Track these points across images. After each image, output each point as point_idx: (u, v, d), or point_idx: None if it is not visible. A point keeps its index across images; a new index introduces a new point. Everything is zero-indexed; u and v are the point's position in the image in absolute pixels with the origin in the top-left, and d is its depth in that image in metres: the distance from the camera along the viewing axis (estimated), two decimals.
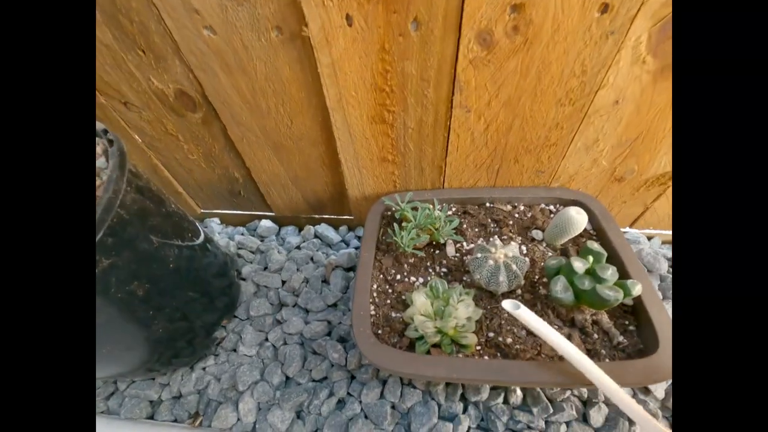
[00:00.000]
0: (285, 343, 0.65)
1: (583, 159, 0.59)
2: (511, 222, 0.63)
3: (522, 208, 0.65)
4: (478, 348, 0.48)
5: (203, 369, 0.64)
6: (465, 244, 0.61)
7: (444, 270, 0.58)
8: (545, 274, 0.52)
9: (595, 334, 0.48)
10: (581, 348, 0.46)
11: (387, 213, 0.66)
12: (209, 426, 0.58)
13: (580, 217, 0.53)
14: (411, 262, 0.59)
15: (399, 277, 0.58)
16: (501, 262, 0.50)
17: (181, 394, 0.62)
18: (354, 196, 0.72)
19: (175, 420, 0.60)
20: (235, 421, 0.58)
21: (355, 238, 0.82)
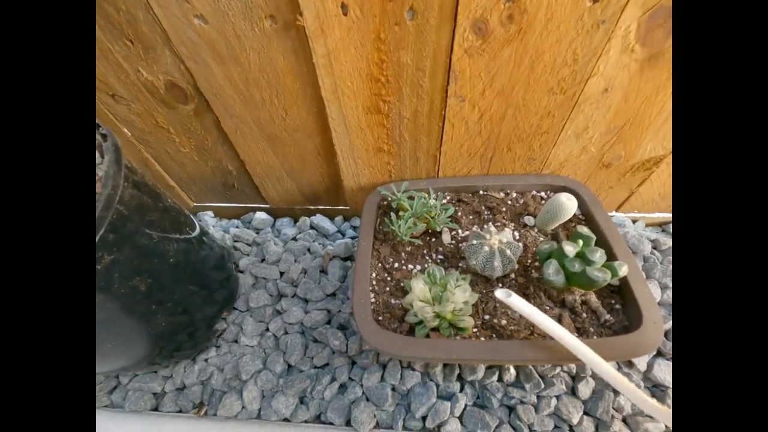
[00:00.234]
0: (286, 332, 0.66)
1: (573, 146, 0.61)
2: (504, 209, 0.64)
3: (514, 195, 0.67)
4: (475, 330, 0.50)
5: (206, 360, 0.65)
6: (460, 231, 0.62)
7: (440, 257, 0.60)
8: (537, 258, 0.54)
9: (584, 314, 0.51)
10: (571, 327, 0.49)
11: (383, 203, 0.67)
12: (215, 415, 0.59)
13: (570, 203, 0.55)
14: (408, 250, 0.61)
15: (397, 265, 0.59)
16: (496, 248, 0.52)
17: (184, 385, 0.62)
18: (350, 186, 0.72)
19: (179, 411, 0.61)
20: (240, 408, 0.59)
21: (351, 228, 0.83)
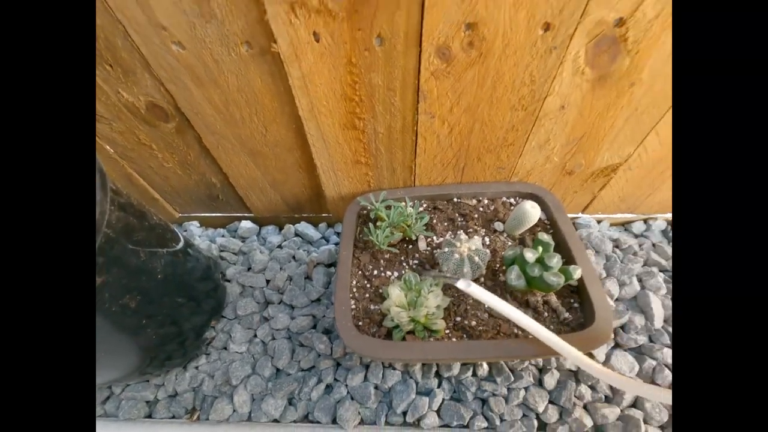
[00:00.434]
0: (273, 338, 0.69)
1: (538, 156, 0.66)
2: (476, 215, 0.69)
3: (486, 202, 0.71)
4: (447, 332, 0.54)
5: (196, 368, 0.67)
6: (435, 238, 0.66)
7: (416, 263, 0.64)
8: (504, 263, 0.59)
9: (546, 313, 0.56)
10: None
11: (363, 212, 0.71)
12: (207, 419, 0.62)
13: (533, 211, 0.59)
14: (386, 257, 0.65)
15: (376, 272, 0.63)
16: (465, 255, 0.56)
17: (176, 392, 0.65)
18: (331, 196, 0.75)
19: (172, 417, 0.64)
20: (231, 412, 0.62)
21: (335, 234, 0.86)
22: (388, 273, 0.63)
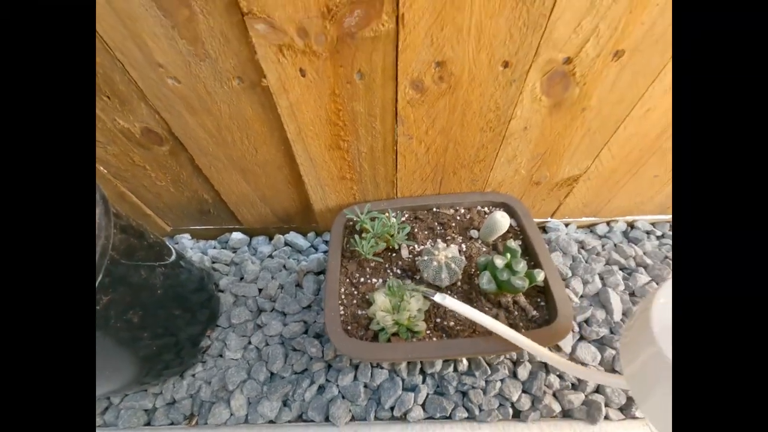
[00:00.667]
0: (267, 344, 0.74)
1: (507, 170, 0.73)
2: (453, 224, 0.75)
3: (462, 211, 0.78)
4: (428, 332, 0.60)
5: (193, 376, 0.71)
6: (417, 246, 0.72)
7: (399, 271, 0.69)
8: (477, 268, 0.65)
9: (516, 312, 0.62)
10: (504, 323, 0.60)
11: (349, 223, 0.76)
12: (205, 423, 0.66)
13: (503, 220, 0.66)
14: (372, 266, 0.70)
15: (362, 279, 0.68)
16: (443, 263, 0.62)
17: (174, 400, 0.68)
18: (319, 209, 0.80)
19: (171, 423, 0.67)
20: (229, 416, 0.66)
21: (323, 242, 0.91)
22: (374, 280, 0.68)
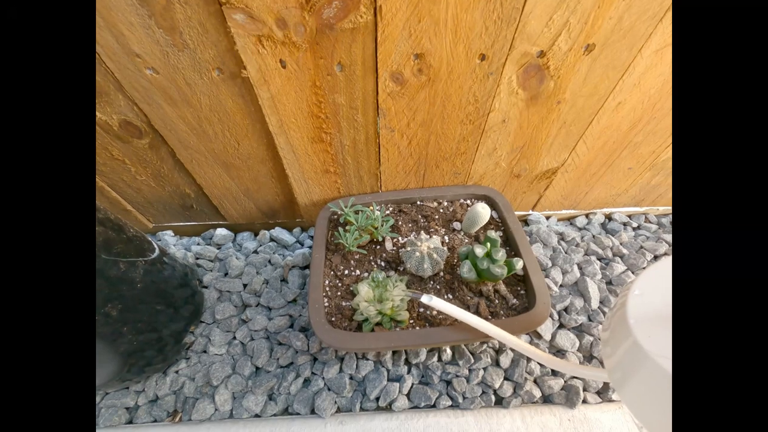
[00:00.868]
0: (252, 338, 0.73)
1: (488, 162, 0.74)
2: (437, 216, 0.76)
3: (445, 204, 0.79)
4: (411, 322, 0.61)
5: (176, 372, 0.70)
6: (400, 238, 0.73)
7: (383, 263, 0.70)
8: (459, 258, 0.67)
9: (496, 300, 0.64)
10: (486, 311, 0.62)
11: (333, 217, 0.76)
12: (189, 419, 0.65)
13: (484, 212, 0.67)
14: (356, 258, 0.71)
15: (347, 272, 0.69)
16: (425, 253, 0.63)
17: (157, 397, 0.68)
18: (303, 203, 0.80)
19: (154, 420, 0.66)
20: (213, 411, 0.66)
21: (309, 237, 0.91)
22: (358, 272, 0.69)
